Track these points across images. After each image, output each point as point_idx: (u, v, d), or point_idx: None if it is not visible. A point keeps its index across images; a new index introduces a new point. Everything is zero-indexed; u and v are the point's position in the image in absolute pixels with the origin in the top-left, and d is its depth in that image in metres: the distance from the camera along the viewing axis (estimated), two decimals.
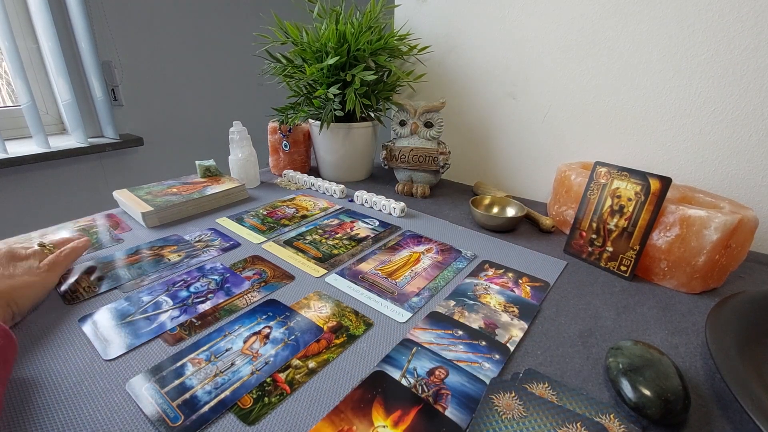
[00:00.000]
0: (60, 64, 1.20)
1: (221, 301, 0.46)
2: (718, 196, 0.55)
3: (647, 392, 0.32)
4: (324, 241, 0.62)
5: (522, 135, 0.82)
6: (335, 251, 0.58)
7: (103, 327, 0.41)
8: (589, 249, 0.57)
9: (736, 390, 0.31)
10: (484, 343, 0.40)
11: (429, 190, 0.82)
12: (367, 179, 0.93)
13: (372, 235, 0.64)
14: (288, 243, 0.61)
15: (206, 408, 0.32)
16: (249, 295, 0.48)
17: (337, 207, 0.75)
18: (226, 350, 0.39)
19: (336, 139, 0.85)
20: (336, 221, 0.69)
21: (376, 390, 0.35)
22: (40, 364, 0.37)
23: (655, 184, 0.51)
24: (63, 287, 0.48)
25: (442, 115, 0.78)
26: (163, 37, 1.48)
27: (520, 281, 0.52)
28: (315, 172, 0.96)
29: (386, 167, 0.84)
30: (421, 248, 0.60)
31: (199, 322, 0.43)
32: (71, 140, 1.31)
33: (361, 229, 0.66)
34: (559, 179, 0.67)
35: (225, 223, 0.67)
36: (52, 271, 0.46)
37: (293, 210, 0.73)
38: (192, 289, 0.48)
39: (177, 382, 0.35)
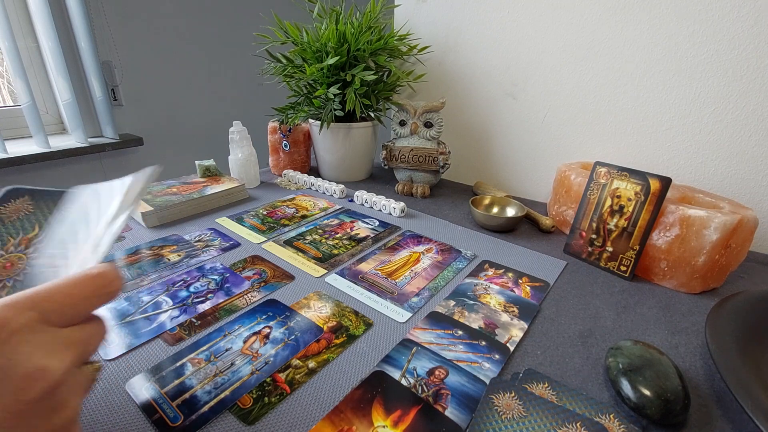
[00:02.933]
0: (60, 64, 1.20)
1: (221, 301, 0.46)
2: (718, 196, 0.55)
3: (647, 392, 0.32)
4: (324, 241, 0.62)
5: (522, 135, 0.82)
6: (335, 251, 0.58)
7: None
8: (589, 249, 0.57)
9: (736, 390, 0.31)
10: (484, 343, 0.40)
11: (429, 190, 0.82)
12: (367, 179, 0.93)
13: (372, 235, 0.64)
14: (288, 243, 0.61)
15: (206, 408, 0.32)
16: (249, 295, 0.48)
17: (337, 207, 0.75)
18: (226, 350, 0.39)
19: (336, 139, 0.85)
20: (336, 221, 0.69)
21: (376, 390, 0.35)
22: None
23: (655, 184, 0.51)
24: None
25: (441, 115, 0.78)
26: (163, 37, 1.48)
27: (520, 281, 0.52)
28: (315, 172, 0.96)
29: (386, 167, 0.84)
30: (421, 248, 0.60)
31: (199, 322, 0.43)
32: (71, 140, 1.31)
33: (361, 229, 0.66)
34: (559, 179, 0.67)
35: (225, 223, 0.67)
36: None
37: (293, 210, 0.73)
38: (192, 288, 0.48)
39: (177, 381, 0.35)
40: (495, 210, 0.71)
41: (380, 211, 0.74)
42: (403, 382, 0.35)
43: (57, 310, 0.22)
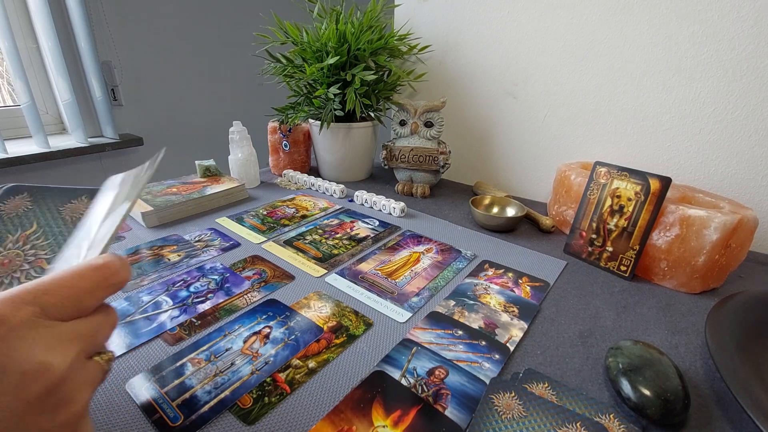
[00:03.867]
0: (60, 64, 1.20)
1: (221, 300, 0.46)
2: (718, 196, 0.55)
3: (647, 392, 0.32)
4: (324, 241, 0.61)
5: (522, 135, 0.82)
6: (335, 251, 0.58)
7: None
8: (589, 249, 0.57)
9: (736, 390, 0.31)
10: (484, 343, 0.40)
11: (429, 190, 0.82)
12: (367, 179, 0.93)
13: (372, 235, 0.64)
14: (288, 243, 0.61)
15: (206, 408, 0.32)
16: (249, 294, 0.48)
17: (337, 207, 0.75)
18: (226, 350, 0.39)
19: (336, 139, 0.85)
20: (336, 221, 0.69)
21: (376, 390, 0.35)
22: None
23: (655, 184, 0.51)
24: None
25: (442, 115, 0.78)
26: (163, 37, 1.48)
27: (520, 281, 0.52)
28: (315, 172, 0.96)
29: (386, 167, 0.84)
30: (421, 248, 0.60)
31: (199, 322, 0.43)
32: (71, 140, 1.31)
33: (361, 229, 0.66)
34: (559, 179, 0.67)
35: (225, 223, 0.67)
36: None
37: (293, 210, 0.73)
38: (192, 288, 0.48)
39: (177, 381, 0.35)
40: (495, 210, 0.71)
41: (380, 211, 0.74)
42: (403, 382, 0.35)
43: (58, 303, 0.21)
